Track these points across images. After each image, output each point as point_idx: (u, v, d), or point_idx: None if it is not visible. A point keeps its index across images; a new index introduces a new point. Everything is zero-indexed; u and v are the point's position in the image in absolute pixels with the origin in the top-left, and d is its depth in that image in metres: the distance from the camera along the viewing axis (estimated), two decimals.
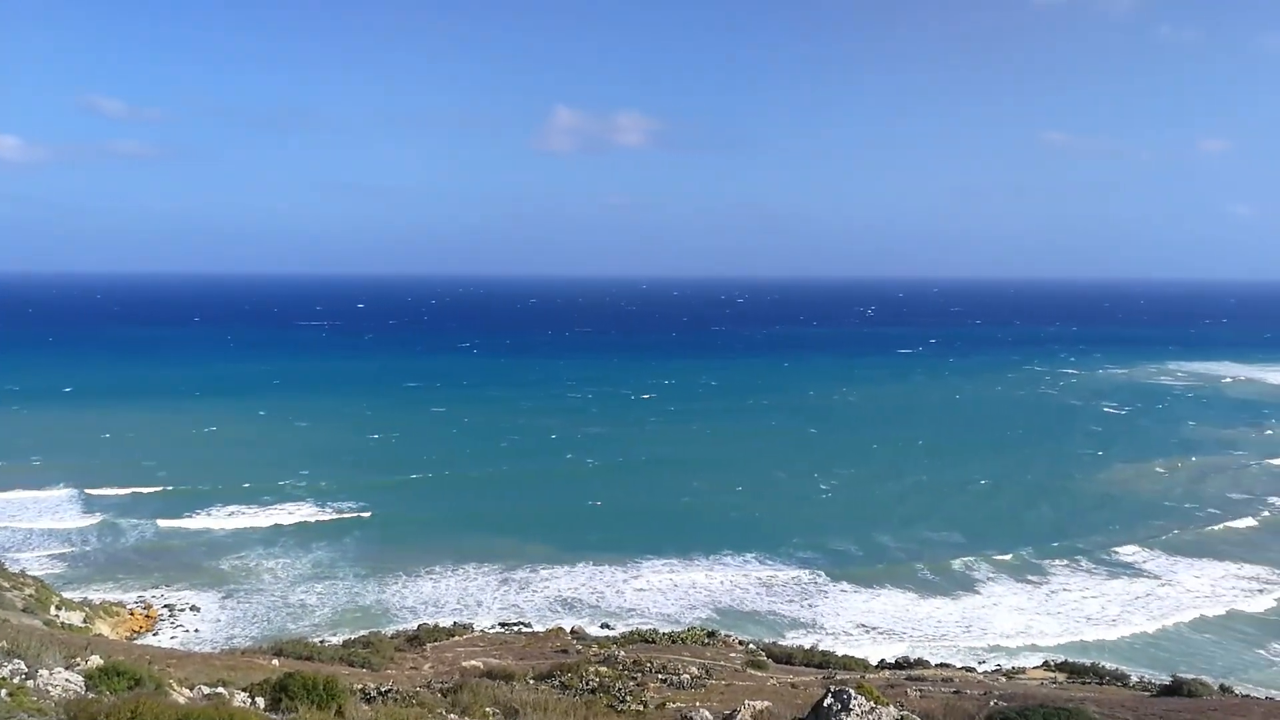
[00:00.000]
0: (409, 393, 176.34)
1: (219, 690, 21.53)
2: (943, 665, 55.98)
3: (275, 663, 40.56)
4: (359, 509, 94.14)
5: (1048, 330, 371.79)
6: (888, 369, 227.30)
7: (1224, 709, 35.93)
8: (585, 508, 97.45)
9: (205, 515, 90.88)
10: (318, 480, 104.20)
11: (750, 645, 54.91)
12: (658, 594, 73.52)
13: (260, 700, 20.80)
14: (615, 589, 74.11)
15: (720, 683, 40.88)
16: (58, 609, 59.61)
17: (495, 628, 63.77)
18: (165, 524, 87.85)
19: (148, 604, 68.72)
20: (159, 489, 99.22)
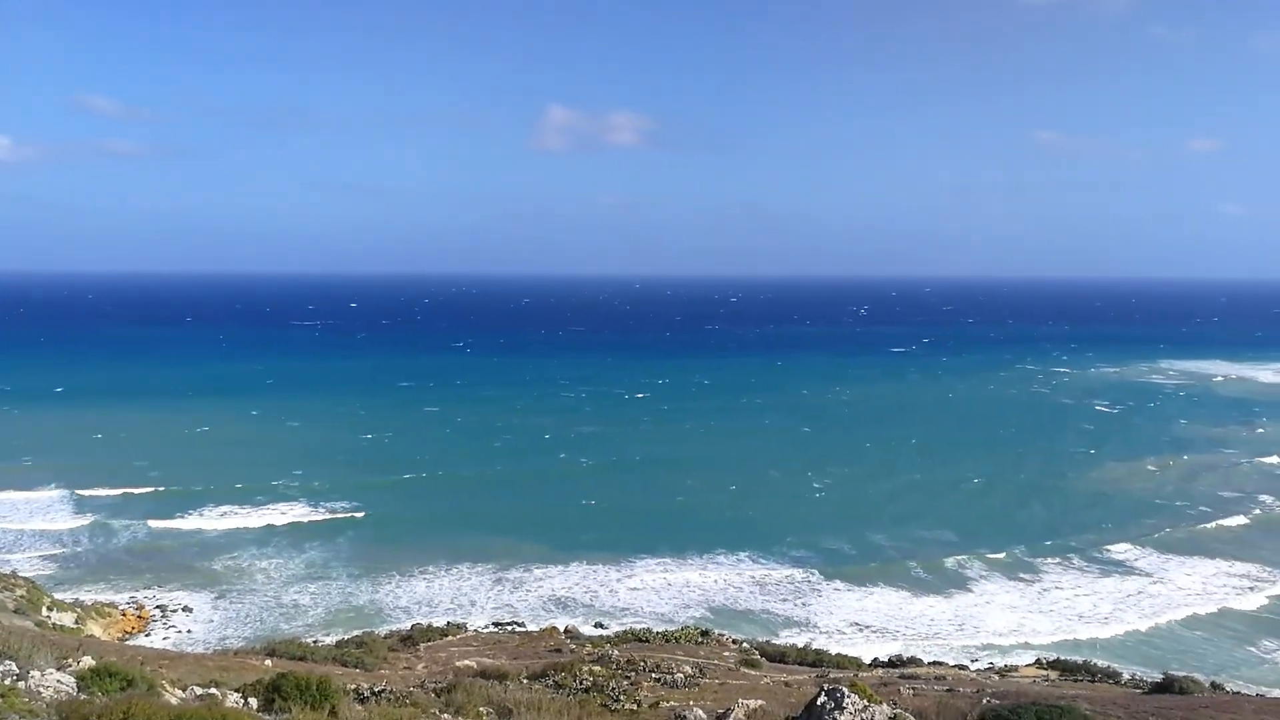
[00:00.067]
0: (402, 392, 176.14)
1: (212, 691, 21.48)
2: (936, 663, 56.21)
3: (268, 663, 40.50)
4: (352, 509, 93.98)
5: (1040, 329, 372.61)
6: (881, 368, 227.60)
7: (1215, 706, 36.07)
8: (579, 507, 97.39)
9: (198, 515, 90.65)
10: (311, 480, 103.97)
11: (744, 644, 55.02)
12: (651, 593, 73.51)
13: (253, 701, 20.76)
14: (609, 588, 74.09)
15: (714, 682, 40.92)
16: (49, 610, 59.44)
17: (489, 627, 63.77)
18: (157, 524, 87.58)
19: (140, 605, 68.51)
20: (151, 489, 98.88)
